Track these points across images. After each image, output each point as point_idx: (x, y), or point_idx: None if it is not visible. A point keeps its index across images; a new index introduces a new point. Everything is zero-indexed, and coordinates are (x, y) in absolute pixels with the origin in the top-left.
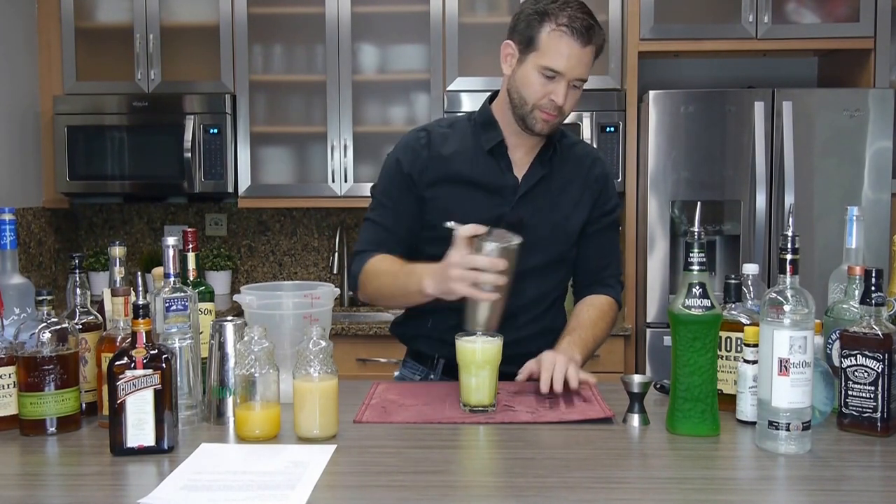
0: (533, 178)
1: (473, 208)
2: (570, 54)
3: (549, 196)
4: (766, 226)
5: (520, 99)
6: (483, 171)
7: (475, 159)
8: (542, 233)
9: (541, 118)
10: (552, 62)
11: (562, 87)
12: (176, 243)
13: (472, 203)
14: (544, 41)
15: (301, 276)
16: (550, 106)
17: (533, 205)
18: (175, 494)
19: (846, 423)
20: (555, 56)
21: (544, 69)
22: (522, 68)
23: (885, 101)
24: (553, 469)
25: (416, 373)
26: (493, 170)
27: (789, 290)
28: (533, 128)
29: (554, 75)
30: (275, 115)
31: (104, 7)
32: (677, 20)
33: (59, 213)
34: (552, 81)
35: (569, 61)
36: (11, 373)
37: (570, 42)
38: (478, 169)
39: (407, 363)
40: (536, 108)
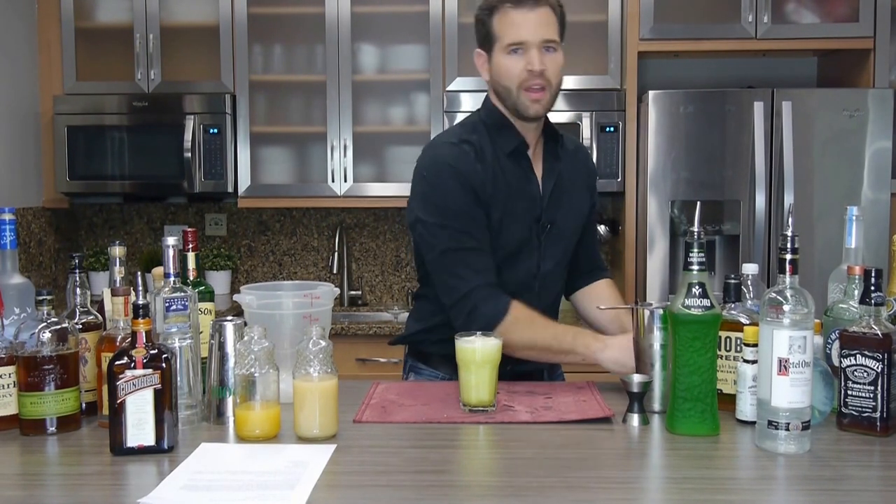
0: (552, 174)
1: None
2: (524, 22)
3: (567, 191)
4: (766, 226)
5: (505, 90)
6: (512, 175)
7: (504, 165)
8: (567, 229)
9: (529, 98)
10: (512, 37)
11: (533, 53)
12: (176, 243)
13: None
14: (498, 27)
15: (301, 275)
16: (531, 77)
17: (558, 203)
18: (175, 494)
19: (846, 422)
20: (511, 31)
21: (508, 48)
22: (494, 63)
23: (885, 101)
24: (553, 469)
25: (435, 379)
26: (518, 172)
27: (789, 290)
28: (526, 112)
29: (519, 47)
30: (275, 115)
31: (104, 7)
32: (677, 20)
33: (59, 213)
34: (521, 55)
35: (525, 28)
36: (11, 372)
37: (520, 13)
38: (509, 175)
39: (421, 370)
40: (521, 90)
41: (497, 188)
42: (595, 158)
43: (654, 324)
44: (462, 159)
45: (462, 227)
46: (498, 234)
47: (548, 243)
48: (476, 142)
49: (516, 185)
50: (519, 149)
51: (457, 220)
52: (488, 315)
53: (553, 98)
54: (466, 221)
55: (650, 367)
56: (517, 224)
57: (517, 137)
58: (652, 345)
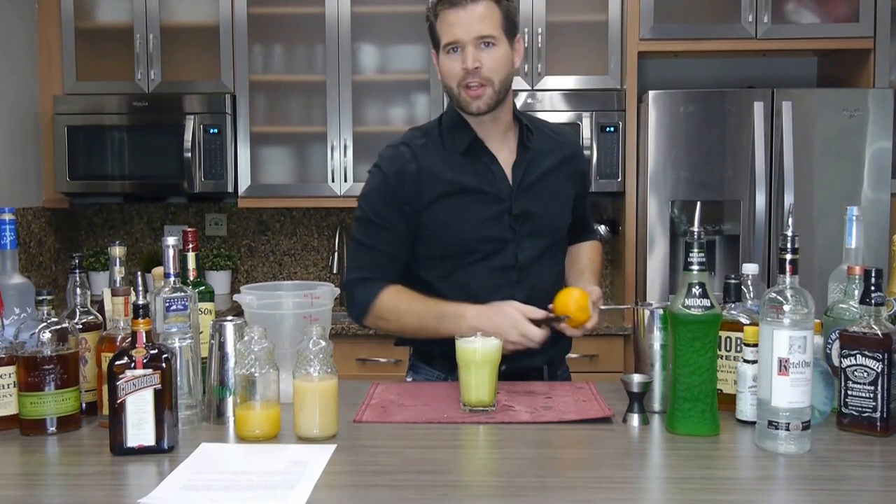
0: (521, 165)
1: (475, 214)
2: (457, 21)
3: (542, 181)
4: (766, 226)
5: (448, 88)
6: (469, 172)
7: (457, 164)
8: (546, 218)
9: (469, 95)
10: (447, 37)
11: (467, 52)
12: (176, 243)
13: (472, 209)
14: (438, 30)
15: (301, 275)
16: (466, 75)
17: (531, 192)
18: (175, 494)
19: (846, 422)
20: (447, 31)
21: (446, 48)
22: (440, 63)
23: (885, 101)
24: (553, 469)
25: (432, 378)
26: (478, 168)
27: (789, 290)
28: (468, 109)
29: (455, 46)
30: (275, 115)
31: (104, 7)
32: (677, 20)
33: (59, 213)
34: (458, 54)
35: (459, 27)
36: (11, 372)
37: (453, 12)
38: (463, 172)
39: (420, 369)
40: (461, 88)
41: (444, 185)
42: (595, 158)
43: (654, 324)
44: (393, 162)
45: (369, 224)
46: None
47: (524, 234)
48: (421, 144)
49: (474, 181)
50: (473, 146)
51: (366, 217)
52: (359, 301)
53: (499, 92)
54: (373, 221)
55: (650, 367)
56: (480, 216)
57: (470, 134)
58: (652, 345)
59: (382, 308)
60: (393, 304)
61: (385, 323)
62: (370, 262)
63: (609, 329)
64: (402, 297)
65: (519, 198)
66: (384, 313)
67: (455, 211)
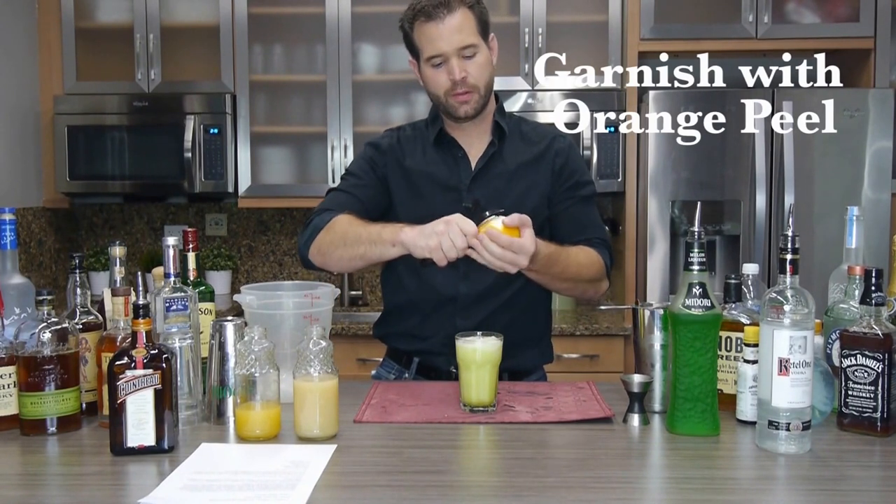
0: (484, 158)
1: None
2: (438, 34)
3: (503, 176)
4: (766, 226)
5: (434, 97)
6: (436, 162)
7: (429, 153)
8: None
9: (456, 102)
10: (430, 51)
11: (452, 64)
12: (176, 243)
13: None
14: (418, 40)
15: (301, 276)
16: (454, 86)
17: (488, 187)
18: (175, 494)
19: (846, 423)
20: (428, 45)
21: (429, 61)
22: (422, 72)
23: (885, 101)
24: (553, 469)
25: (391, 371)
26: (446, 159)
27: (789, 290)
28: (456, 114)
29: (440, 60)
30: (275, 115)
31: (104, 7)
32: (677, 20)
33: (59, 213)
34: (442, 65)
35: (440, 41)
36: (12, 373)
37: (432, 25)
38: (432, 161)
39: (385, 362)
40: (448, 96)
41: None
42: (595, 158)
43: (655, 324)
44: (380, 140)
45: (343, 178)
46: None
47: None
48: (407, 131)
49: (442, 172)
50: (442, 138)
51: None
52: (316, 223)
53: (484, 95)
54: (348, 173)
55: (650, 367)
56: (435, 202)
57: (439, 126)
58: (652, 345)
59: (335, 224)
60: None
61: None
62: (334, 200)
63: (609, 329)
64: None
65: (473, 189)
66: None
67: (412, 195)
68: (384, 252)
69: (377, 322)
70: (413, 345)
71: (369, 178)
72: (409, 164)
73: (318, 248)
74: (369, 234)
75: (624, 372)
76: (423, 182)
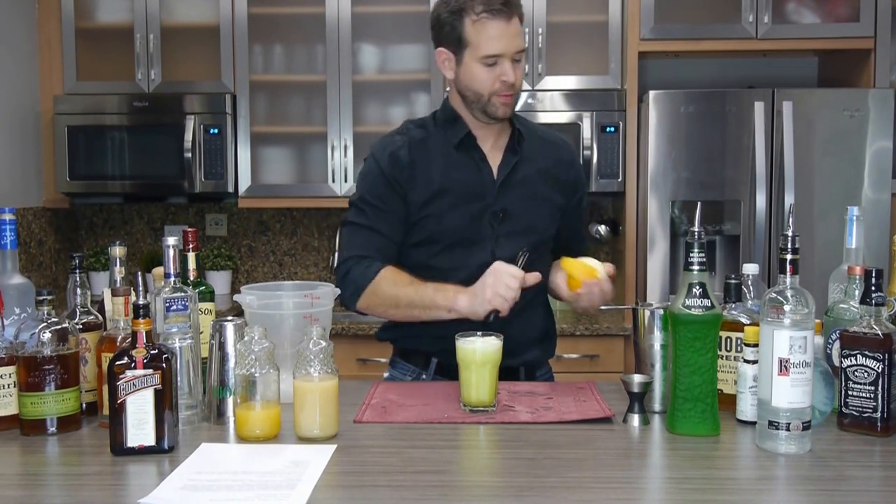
0: (507, 166)
1: (457, 209)
2: (501, 34)
3: (526, 182)
4: (766, 226)
5: (474, 94)
6: (459, 167)
7: (449, 157)
8: (527, 220)
9: (500, 102)
10: (489, 49)
11: (507, 66)
12: (176, 243)
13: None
14: (472, 34)
15: (301, 276)
16: (504, 87)
17: (513, 193)
18: (175, 494)
19: (846, 423)
20: (488, 43)
21: (484, 59)
22: (464, 67)
23: (885, 101)
24: (553, 469)
25: (406, 373)
26: (468, 164)
27: (789, 290)
28: (495, 114)
29: (495, 60)
30: (275, 115)
31: (104, 7)
32: (677, 20)
33: (59, 213)
34: (497, 66)
35: (503, 41)
36: (12, 373)
37: (496, 24)
38: (454, 167)
39: (397, 364)
40: (493, 95)
41: (435, 177)
42: (595, 158)
43: (655, 324)
44: (386, 148)
45: (364, 206)
46: (440, 221)
47: (503, 233)
48: (416, 134)
49: (463, 176)
50: (466, 140)
51: (362, 200)
52: (356, 279)
53: (518, 98)
54: (368, 204)
55: (650, 367)
56: (465, 212)
57: (464, 129)
58: (652, 345)
59: (380, 284)
60: (392, 279)
61: (380, 299)
62: (365, 242)
63: (609, 329)
64: (401, 275)
65: (500, 197)
66: (382, 289)
67: (440, 205)
68: (440, 316)
69: (385, 326)
70: (434, 345)
71: (392, 204)
72: (432, 175)
73: (367, 307)
74: (422, 300)
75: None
76: (448, 191)
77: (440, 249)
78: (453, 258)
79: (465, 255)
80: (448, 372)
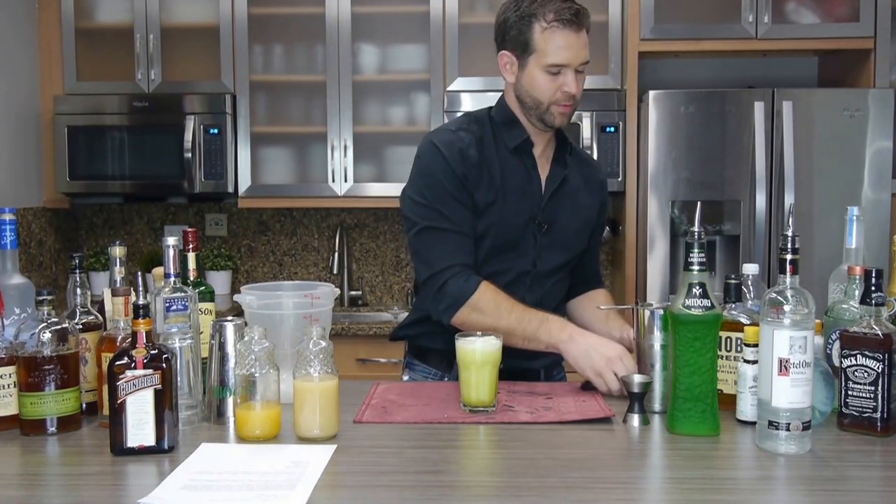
0: (557, 177)
1: (513, 211)
2: (569, 45)
3: (570, 196)
4: (766, 226)
5: (533, 101)
6: (514, 171)
7: (506, 160)
8: (567, 234)
9: (558, 112)
10: (556, 58)
11: (570, 77)
12: (176, 243)
13: (512, 206)
14: (540, 42)
15: (301, 276)
16: (565, 98)
17: (558, 205)
18: (175, 494)
19: (846, 423)
20: (556, 52)
21: (549, 67)
22: (527, 73)
23: (885, 101)
24: (553, 469)
25: (428, 376)
26: (521, 169)
27: (789, 290)
28: (553, 123)
29: (559, 70)
30: (275, 115)
31: (104, 7)
32: (677, 20)
33: (59, 213)
34: (560, 75)
35: (570, 52)
36: (12, 373)
37: (566, 34)
38: (510, 171)
39: (416, 367)
40: (552, 104)
41: (496, 179)
42: (595, 158)
43: (655, 324)
44: (454, 144)
45: (442, 208)
46: (493, 224)
47: (545, 243)
48: (477, 132)
49: (517, 181)
50: (523, 145)
51: (438, 201)
52: (456, 292)
53: (576, 108)
54: (447, 203)
55: (650, 367)
56: (514, 217)
57: (522, 134)
58: (652, 345)
59: (481, 300)
60: (494, 298)
61: (480, 316)
62: (455, 247)
63: None
64: (501, 294)
65: (548, 207)
66: (483, 306)
67: (498, 207)
68: (537, 347)
69: (406, 324)
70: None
71: (468, 203)
72: (494, 175)
73: (463, 323)
74: (524, 330)
75: None
76: (505, 195)
77: (487, 252)
78: (496, 262)
79: (508, 260)
80: None
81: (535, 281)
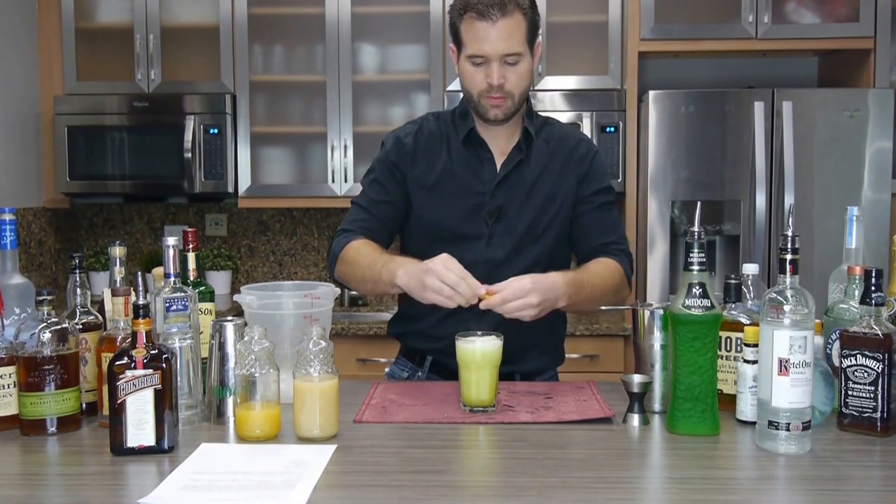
0: (510, 164)
1: (453, 203)
2: (485, 36)
3: (526, 183)
4: (766, 226)
5: (467, 93)
6: (463, 163)
7: (456, 150)
8: (523, 220)
9: (490, 105)
10: (473, 49)
11: (493, 68)
12: (176, 243)
13: (452, 199)
14: (463, 34)
15: (301, 276)
16: (491, 89)
17: (510, 192)
18: (175, 494)
19: (846, 423)
20: (473, 43)
21: (471, 58)
22: (460, 65)
23: (885, 101)
24: (553, 469)
25: (404, 370)
26: (472, 161)
27: (789, 290)
28: (486, 115)
29: (481, 61)
30: (275, 115)
31: (104, 7)
32: (677, 20)
33: (59, 213)
34: (483, 66)
35: (487, 42)
36: (12, 373)
37: (482, 25)
38: (458, 162)
39: (398, 360)
40: (482, 97)
41: (436, 167)
42: None
43: (655, 324)
44: (395, 134)
45: (368, 189)
46: (438, 214)
47: (497, 232)
48: (430, 124)
49: (465, 172)
50: (472, 137)
51: (366, 182)
52: (336, 249)
53: (517, 102)
54: (371, 185)
55: (650, 367)
56: (460, 207)
57: (469, 125)
58: (652, 345)
59: (349, 253)
60: (359, 250)
61: (347, 268)
62: (355, 218)
63: (609, 329)
64: (370, 246)
65: (497, 195)
66: (350, 258)
67: (435, 197)
68: (388, 290)
69: (392, 321)
70: (429, 344)
71: (389, 187)
72: (433, 166)
73: (340, 275)
74: (372, 273)
75: (624, 372)
76: (445, 184)
77: (434, 242)
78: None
79: (458, 250)
80: (441, 371)
81: (493, 269)
